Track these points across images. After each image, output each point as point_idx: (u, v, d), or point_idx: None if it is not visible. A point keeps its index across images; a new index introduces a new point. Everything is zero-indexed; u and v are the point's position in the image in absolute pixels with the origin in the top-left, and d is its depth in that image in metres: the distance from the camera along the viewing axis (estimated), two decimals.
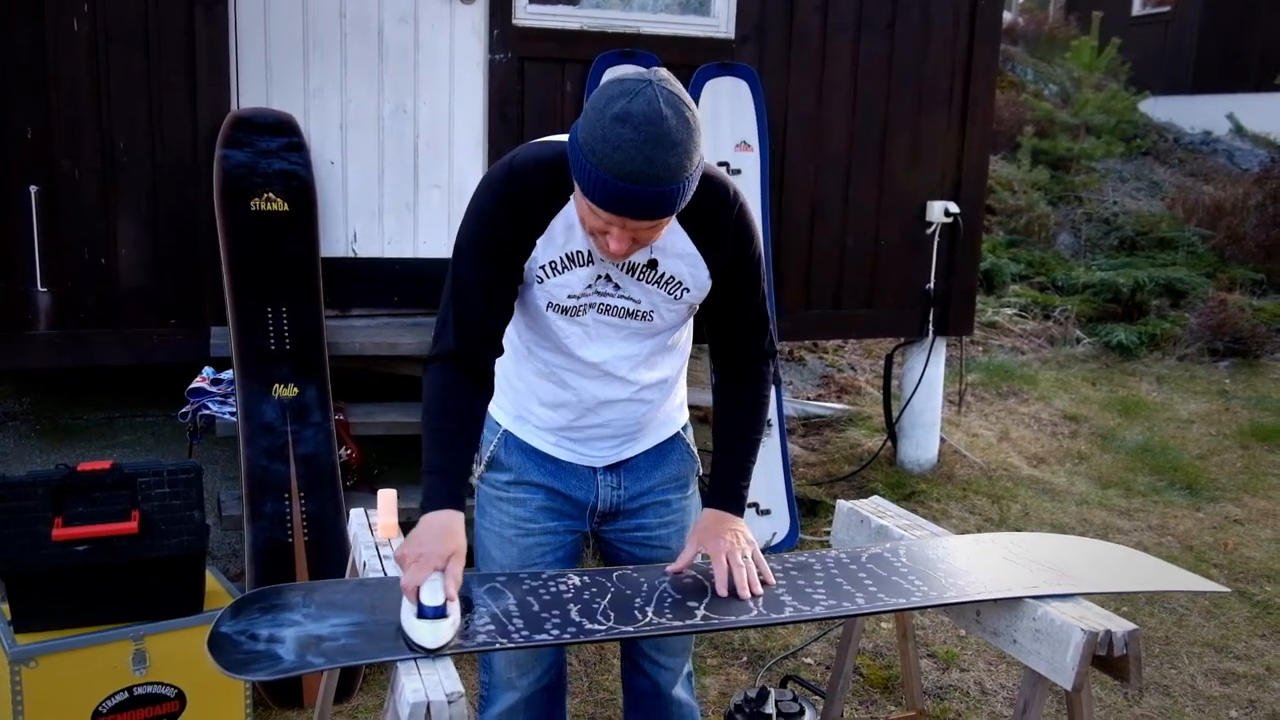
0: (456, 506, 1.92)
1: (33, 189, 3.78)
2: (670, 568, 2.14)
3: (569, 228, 1.95)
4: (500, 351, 2.07)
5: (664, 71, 1.76)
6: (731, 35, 4.63)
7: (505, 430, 2.24)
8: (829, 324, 5.18)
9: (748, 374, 2.19)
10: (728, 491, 2.19)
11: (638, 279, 2.01)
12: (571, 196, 1.92)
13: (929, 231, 5.04)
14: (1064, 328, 8.16)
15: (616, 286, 2.02)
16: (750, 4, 4.62)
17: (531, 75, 4.38)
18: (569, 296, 2.02)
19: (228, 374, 3.81)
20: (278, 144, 3.97)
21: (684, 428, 2.34)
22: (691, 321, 2.22)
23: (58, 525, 2.75)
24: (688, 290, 2.04)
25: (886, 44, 4.87)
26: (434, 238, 4.39)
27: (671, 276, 2.02)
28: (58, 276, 3.86)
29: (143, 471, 2.86)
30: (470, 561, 2.02)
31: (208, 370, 3.88)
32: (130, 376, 5.01)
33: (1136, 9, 15.37)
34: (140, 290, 3.98)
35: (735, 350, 2.18)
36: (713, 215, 1.98)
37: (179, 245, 3.99)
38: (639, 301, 2.04)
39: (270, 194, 3.92)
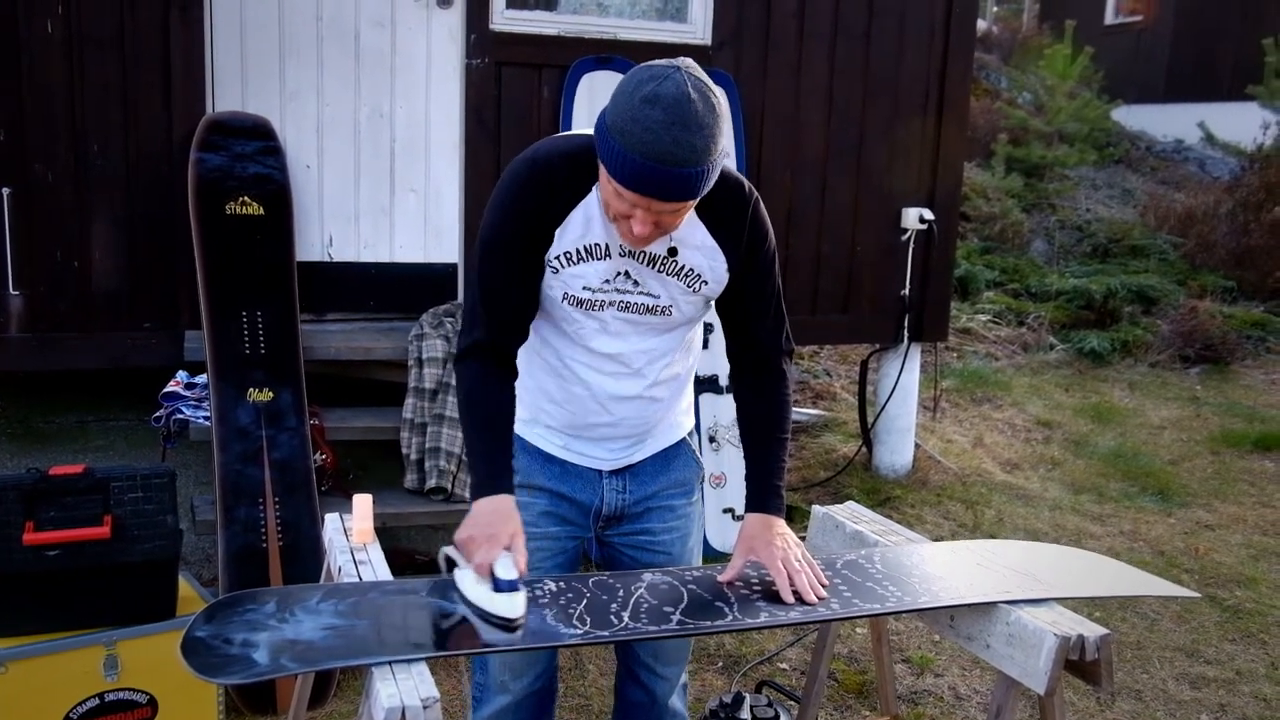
0: (507, 490, 1.97)
1: (5, 191, 3.76)
2: (721, 577, 2.12)
3: (588, 220, 1.98)
4: (526, 338, 2.10)
5: (690, 60, 1.80)
6: (708, 41, 4.64)
7: (514, 433, 2.22)
8: (805, 330, 5.17)
9: (769, 370, 2.19)
10: (766, 492, 2.17)
11: (657, 270, 2.03)
12: (593, 188, 1.96)
13: (904, 238, 5.06)
14: (1037, 334, 8.22)
15: (636, 283, 2.04)
16: (727, 10, 4.64)
17: (508, 80, 4.38)
18: (584, 289, 2.03)
19: (202, 378, 3.79)
20: (253, 148, 3.95)
21: (690, 433, 2.34)
22: (701, 323, 2.23)
23: (29, 529, 2.72)
24: (705, 282, 2.07)
25: (862, 51, 4.89)
26: (410, 242, 4.39)
27: (691, 268, 2.05)
28: (30, 279, 3.84)
29: (115, 476, 2.84)
30: None
31: (182, 374, 3.87)
32: (103, 380, 4.98)
33: (1109, 18, 15.50)
34: (114, 294, 3.95)
35: (754, 347, 2.19)
36: (730, 210, 2.03)
37: (153, 249, 3.97)
38: (658, 296, 2.06)
39: (245, 198, 3.90)
